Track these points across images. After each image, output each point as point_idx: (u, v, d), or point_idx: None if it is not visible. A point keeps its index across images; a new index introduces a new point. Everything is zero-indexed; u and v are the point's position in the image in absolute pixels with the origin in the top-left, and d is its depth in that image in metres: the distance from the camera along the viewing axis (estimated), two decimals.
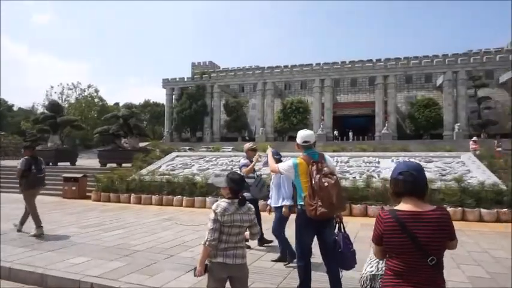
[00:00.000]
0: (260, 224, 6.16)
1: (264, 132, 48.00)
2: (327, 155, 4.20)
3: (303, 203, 3.76)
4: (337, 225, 3.90)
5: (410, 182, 2.01)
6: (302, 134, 3.97)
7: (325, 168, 3.69)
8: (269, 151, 4.50)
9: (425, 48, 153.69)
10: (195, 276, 3.04)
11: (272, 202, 5.57)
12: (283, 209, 5.31)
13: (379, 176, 11.70)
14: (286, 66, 55.08)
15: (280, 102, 52.97)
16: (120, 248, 6.11)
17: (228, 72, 57.96)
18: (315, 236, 3.93)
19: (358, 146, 15.17)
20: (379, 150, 14.62)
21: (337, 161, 12.98)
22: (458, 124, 41.76)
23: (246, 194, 6.09)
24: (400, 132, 45.04)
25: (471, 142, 17.52)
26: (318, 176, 3.59)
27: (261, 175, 6.08)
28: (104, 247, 6.19)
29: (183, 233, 7.48)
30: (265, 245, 6.36)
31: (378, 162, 13.34)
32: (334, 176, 3.64)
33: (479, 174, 11.28)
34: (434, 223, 1.92)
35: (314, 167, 3.66)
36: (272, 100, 50.50)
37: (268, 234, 6.09)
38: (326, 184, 3.53)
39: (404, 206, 2.00)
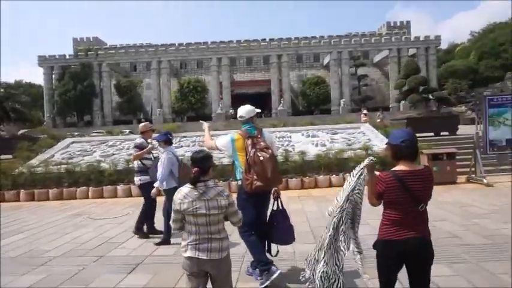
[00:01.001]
0: (154, 211, 5.92)
1: (161, 113, 45.74)
2: (265, 130, 4.12)
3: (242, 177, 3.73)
4: (275, 201, 3.90)
5: (410, 147, 2.38)
6: (239, 110, 3.96)
7: (261, 143, 3.69)
8: (205, 127, 4.31)
9: (313, 29, 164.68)
10: None
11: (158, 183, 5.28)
12: (153, 190, 5.30)
13: (294, 150, 12.07)
14: (181, 44, 52.93)
15: (176, 81, 50.97)
16: (30, 257, 4.98)
17: (118, 49, 53.14)
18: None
19: (269, 122, 15.42)
20: (289, 125, 15.13)
21: None
22: (344, 100, 46.09)
23: (144, 177, 5.59)
24: (294, 109, 47.72)
25: (362, 115, 19.32)
26: (253, 150, 3.60)
27: (158, 157, 5.61)
28: (7, 259, 4.96)
29: (104, 228, 6.52)
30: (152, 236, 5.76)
31: (290, 137, 13.77)
32: (270, 150, 3.64)
33: (378, 142, 12.49)
34: (425, 178, 2.36)
35: (249, 142, 3.66)
36: (168, 79, 48.21)
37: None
38: (261, 158, 3.55)
39: (401, 167, 2.38)
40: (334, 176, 10.53)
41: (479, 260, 4.09)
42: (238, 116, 3.92)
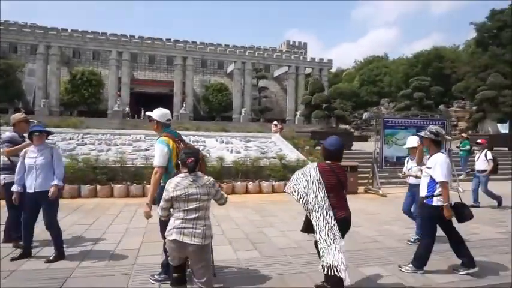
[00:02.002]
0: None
1: (47, 105, 40.50)
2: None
3: None
4: None
5: (339, 152, 3.48)
6: (164, 112, 4.08)
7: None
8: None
9: (218, 37, 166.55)
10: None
11: (37, 185, 4.47)
12: (53, 189, 4.44)
13: (210, 155, 11.99)
14: (75, 31, 47.97)
15: (67, 71, 45.89)
16: None
17: None
18: None
19: (182, 125, 15.05)
20: (202, 130, 14.98)
21: None
22: (245, 109, 47.51)
23: (9, 176, 4.95)
24: (195, 113, 47.29)
25: (273, 125, 20.25)
26: None
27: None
28: None
29: None
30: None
31: (204, 142, 13.69)
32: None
33: (288, 152, 13.27)
34: (343, 172, 3.45)
35: (181, 145, 3.90)
36: (58, 68, 42.96)
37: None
38: None
39: (330, 163, 3.40)
40: (250, 182, 10.79)
41: (402, 260, 4.67)
42: (166, 119, 4.05)
